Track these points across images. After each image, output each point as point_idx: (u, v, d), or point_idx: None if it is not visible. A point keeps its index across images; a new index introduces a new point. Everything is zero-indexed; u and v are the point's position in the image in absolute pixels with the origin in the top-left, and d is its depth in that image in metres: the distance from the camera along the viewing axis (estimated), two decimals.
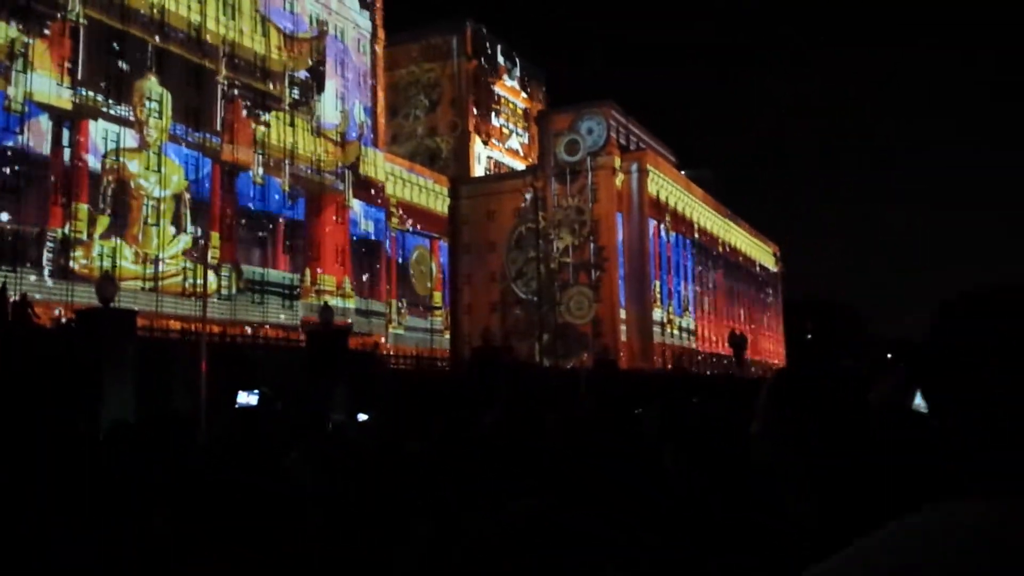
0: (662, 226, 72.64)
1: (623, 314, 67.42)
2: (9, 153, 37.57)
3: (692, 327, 77.15)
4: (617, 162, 69.80)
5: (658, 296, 70.11)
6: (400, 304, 62.75)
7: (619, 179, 69.57)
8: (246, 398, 16.10)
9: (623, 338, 66.56)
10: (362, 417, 25.23)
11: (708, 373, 64.59)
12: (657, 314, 69.47)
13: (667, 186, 74.53)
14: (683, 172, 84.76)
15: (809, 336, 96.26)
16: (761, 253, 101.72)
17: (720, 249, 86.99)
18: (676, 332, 73.11)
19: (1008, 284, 1.11)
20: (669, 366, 63.34)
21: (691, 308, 77.57)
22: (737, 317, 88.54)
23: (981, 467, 1.06)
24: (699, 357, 75.04)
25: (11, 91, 37.65)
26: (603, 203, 68.65)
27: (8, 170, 37.52)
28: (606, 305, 67.14)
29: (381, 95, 63.30)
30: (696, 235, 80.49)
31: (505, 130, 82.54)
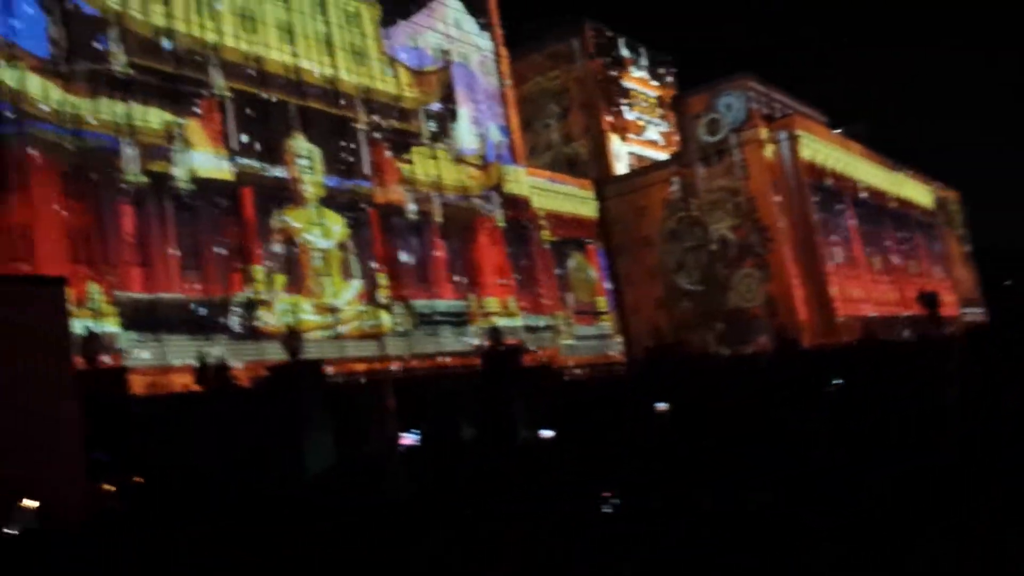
0: (823, 190, 69.46)
1: (797, 290, 64.67)
2: (186, 229, 40.44)
3: (874, 291, 73.15)
4: (763, 133, 67.23)
5: (832, 265, 66.94)
6: (567, 314, 63.00)
7: (769, 150, 67.04)
8: (408, 439, 16.67)
9: (801, 315, 63.77)
10: (546, 433, 25.51)
11: (899, 338, 60.99)
12: (833, 284, 66.28)
13: (822, 148, 71.22)
14: (836, 131, 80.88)
15: (1007, 283, 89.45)
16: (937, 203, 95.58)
17: (890, 204, 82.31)
18: (858, 299, 69.56)
19: None
20: (856, 337, 60.25)
21: (869, 271, 73.61)
22: (919, 272, 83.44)
23: None
24: (888, 322, 71.04)
25: (176, 171, 40.55)
26: (756, 178, 66.28)
27: (189, 245, 40.40)
28: (777, 283, 64.60)
29: (513, 111, 63.99)
30: (862, 194, 76.46)
31: (641, 122, 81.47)
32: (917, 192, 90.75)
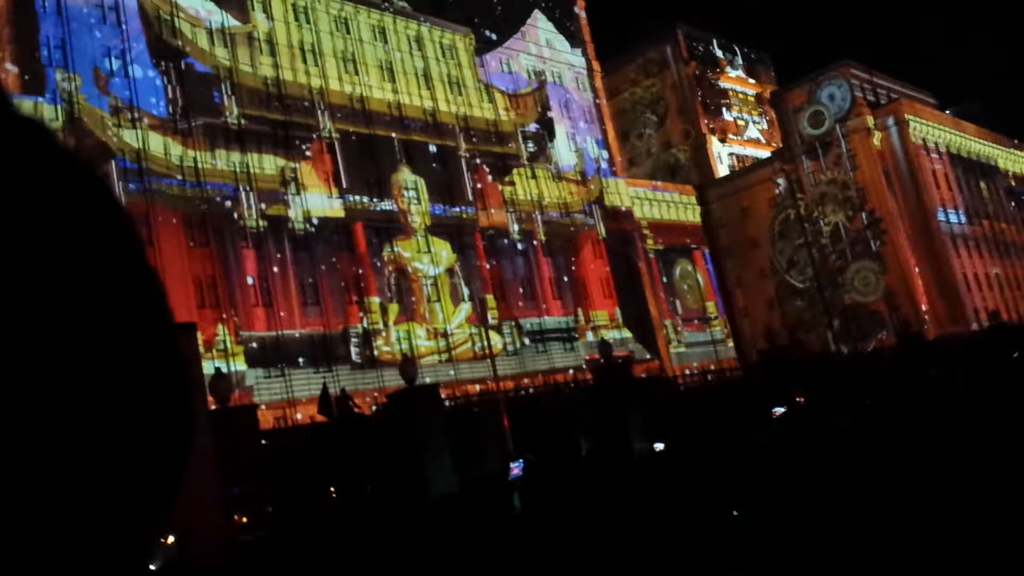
0: (938, 175, 66.66)
1: (917, 280, 62.15)
2: (304, 267, 42.44)
3: (1001, 274, 69.53)
4: (870, 121, 65.01)
5: (953, 251, 64.10)
6: (675, 322, 62.55)
7: (876, 138, 64.92)
8: (516, 468, 17.08)
9: (924, 306, 61.21)
10: (658, 446, 25.60)
11: None
12: (956, 270, 63.35)
13: (933, 131, 68.40)
14: (947, 112, 77.52)
15: None
16: None
17: (1011, 183, 78.16)
18: (984, 284, 66.30)
19: None
20: (985, 324, 57.47)
21: (993, 254, 70.02)
22: None
23: None
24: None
25: (292, 213, 42.66)
26: (865, 168, 64.14)
27: (307, 282, 42.39)
28: (895, 274, 62.19)
29: (609, 124, 64.26)
30: (980, 175, 72.97)
31: (740, 122, 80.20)
32: None
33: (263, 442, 25.28)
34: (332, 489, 24.19)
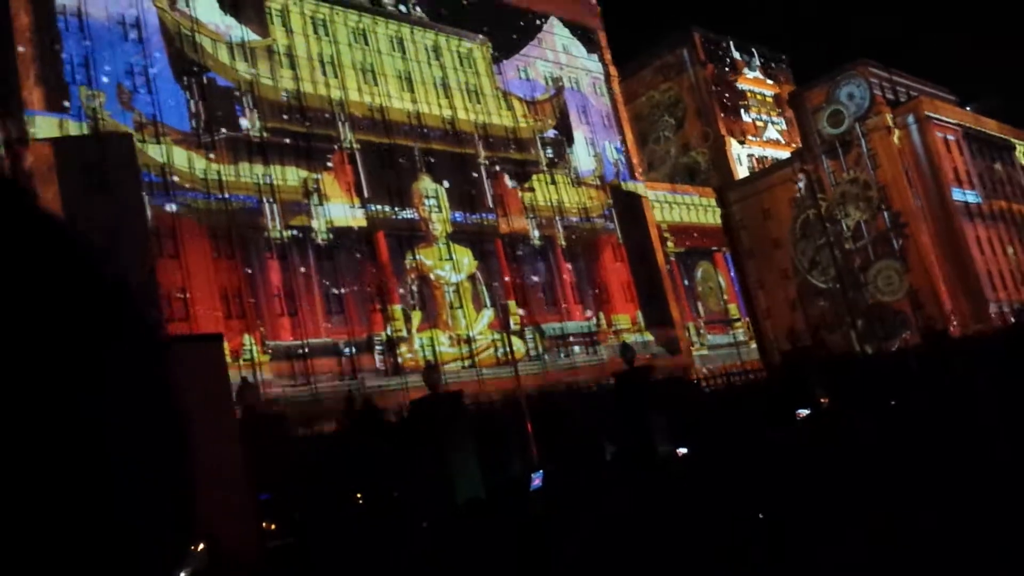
0: (959, 172, 66.18)
1: (940, 278, 61.71)
2: (327, 276, 42.87)
3: None
4: (889, 119, 64.78)
5: (976, 247, 63.58)
6: (698, 324, 62.49)
7: (896, 136, 64.64)
8: (536, 480, 17.19)
9: (948, 305, 60.69)
10: (682, 450, 25.65)
11: None
12: (981, 268, 62.81)
13: (952, 127, 68.00)
14: (967, 108, 76.97)
15: None
16: None
17: None
18: (1008, 279, 65.66)
19: None
20: (1012, 322, 56.92)
21: (1017, 248, 69.29)
22: None
23: None
24: None
25: (315, 224, 43.13)
26: (886, 167, 63.87)
27: (332, 291, 42.81)
28: (918, 273, 61.84)
29: (628, 129, 64.33)
30: (1003, 169, 72.34)
31: (759, 123, 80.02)
32: None
33: (289, 449, 25.60)
34: (359, 495, 24.46)
